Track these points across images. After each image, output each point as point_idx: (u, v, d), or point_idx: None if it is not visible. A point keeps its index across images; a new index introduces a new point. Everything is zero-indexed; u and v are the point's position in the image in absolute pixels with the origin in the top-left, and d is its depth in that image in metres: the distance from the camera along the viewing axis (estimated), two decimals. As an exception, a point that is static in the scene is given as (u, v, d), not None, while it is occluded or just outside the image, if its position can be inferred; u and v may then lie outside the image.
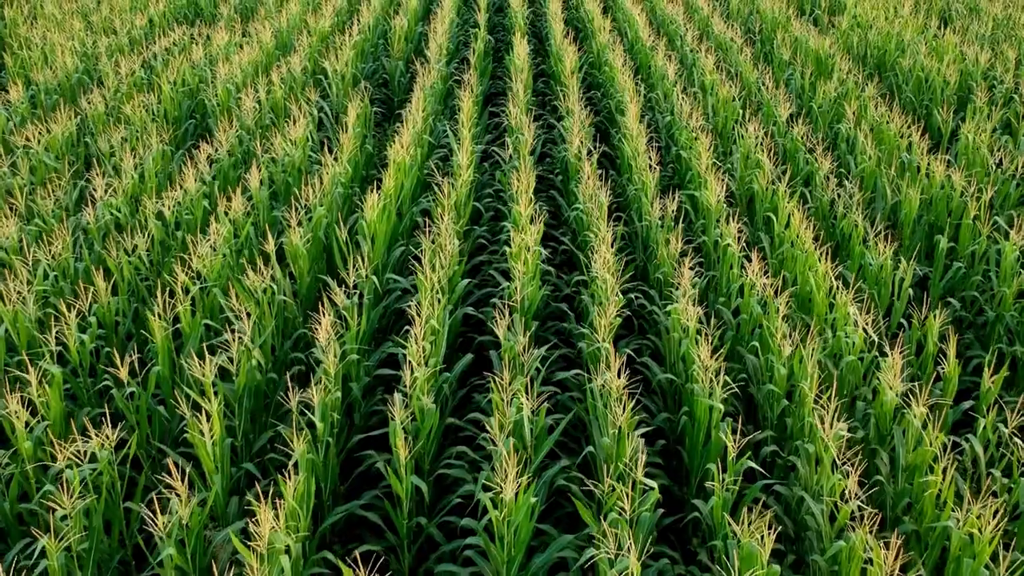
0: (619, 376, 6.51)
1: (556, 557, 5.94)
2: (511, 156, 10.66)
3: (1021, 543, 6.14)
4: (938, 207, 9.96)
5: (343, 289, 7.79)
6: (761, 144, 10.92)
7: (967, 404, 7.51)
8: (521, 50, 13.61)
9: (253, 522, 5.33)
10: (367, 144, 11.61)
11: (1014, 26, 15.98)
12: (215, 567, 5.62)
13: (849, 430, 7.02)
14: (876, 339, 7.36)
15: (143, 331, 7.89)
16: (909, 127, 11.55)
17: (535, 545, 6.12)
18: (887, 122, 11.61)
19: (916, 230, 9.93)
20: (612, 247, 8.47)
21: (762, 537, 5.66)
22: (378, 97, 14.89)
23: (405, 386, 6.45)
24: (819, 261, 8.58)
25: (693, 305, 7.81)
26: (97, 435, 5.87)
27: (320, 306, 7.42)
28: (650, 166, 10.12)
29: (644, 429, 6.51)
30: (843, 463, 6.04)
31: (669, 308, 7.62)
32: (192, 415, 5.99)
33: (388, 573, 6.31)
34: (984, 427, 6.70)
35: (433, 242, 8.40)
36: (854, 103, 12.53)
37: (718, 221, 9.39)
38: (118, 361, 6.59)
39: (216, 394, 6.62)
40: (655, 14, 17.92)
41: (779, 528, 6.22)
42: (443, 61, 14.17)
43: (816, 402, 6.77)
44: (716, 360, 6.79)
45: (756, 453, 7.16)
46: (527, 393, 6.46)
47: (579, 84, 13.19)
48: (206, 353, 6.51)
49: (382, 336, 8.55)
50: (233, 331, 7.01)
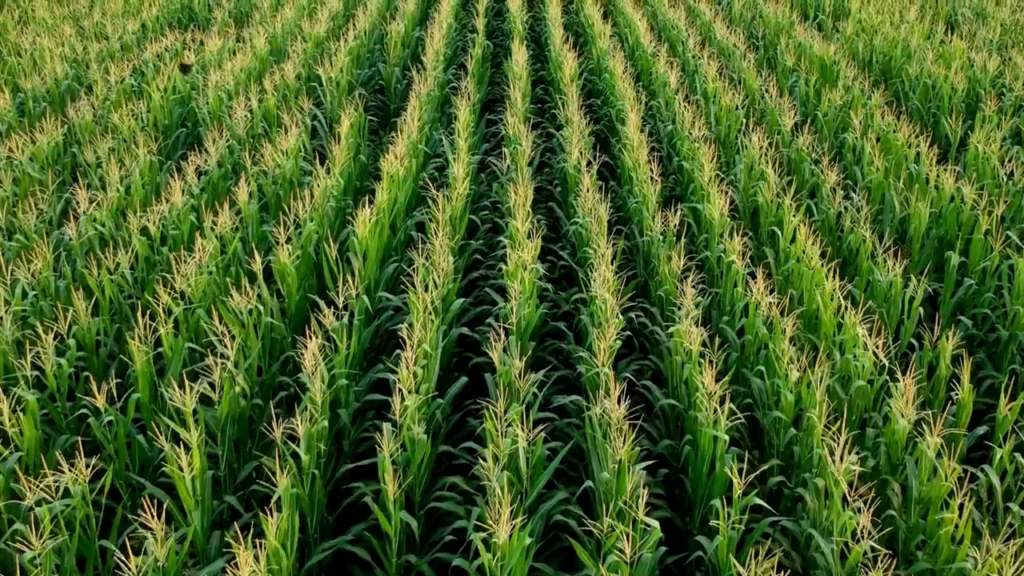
0: (619, 402, 6.22)
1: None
2: (508, 167, 10.37)
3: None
4: (948, 221, 9.67)
5: (333, 309, 7.50)
6: (765, 155, 10.63)
7: (981, 430, 7.23)
8: (520, 57, 13.33)
9: (233, 565, 5.05)
10: (361, 154, 11.32)
11: (1023, 32, 15.70)
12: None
13: (859, 458, 6.73)
14: (886, 363, 7.07)
15: (126, 353, 7.61)
16: (917, 136, 11.28)
17: (531, 584, 5.85)
18: (894, 131, 11.32)
19: (925, 244, 9.64)
20: (612, 264, 8.18)
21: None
22: (374, 104, 14.61)
23: (395, 414, 6.17)
24: (826, 278, 8.30)
25: (696, 326, 7.53)
26: (71, 469, 5.58)
27: (310, 326, 7.14)
28: (651, 178, 9.83)
29: (646, 464, 6.22)
30: (854, 499, 5.76)
31: (672, 330, 7.33)
32: (171, 448, 5.70)
33: (377, 612, 6.03)
34: (1000, 457, 6.41)
35: (427, 258, 8.11)
36: (860, 111, 12.25)
37: (721, 236, 9.11)
38: (95, 388, 6.30)
39: (198, 422, 6.33)
40: (656, 19, 17.64)
41: (787, 573, 5.93)
42: (440, 67, 13.88)
43: (825, 430, 6.49)
44: (720, 386, 6.50)
45: (762, 480, 6.88)
46: (523, 422, 6.17)
47: (579, 91, 12.91)
48: (190, 378, 6.24)
49: (375, 356, 8.27)
50: (217, 355, 6.72)
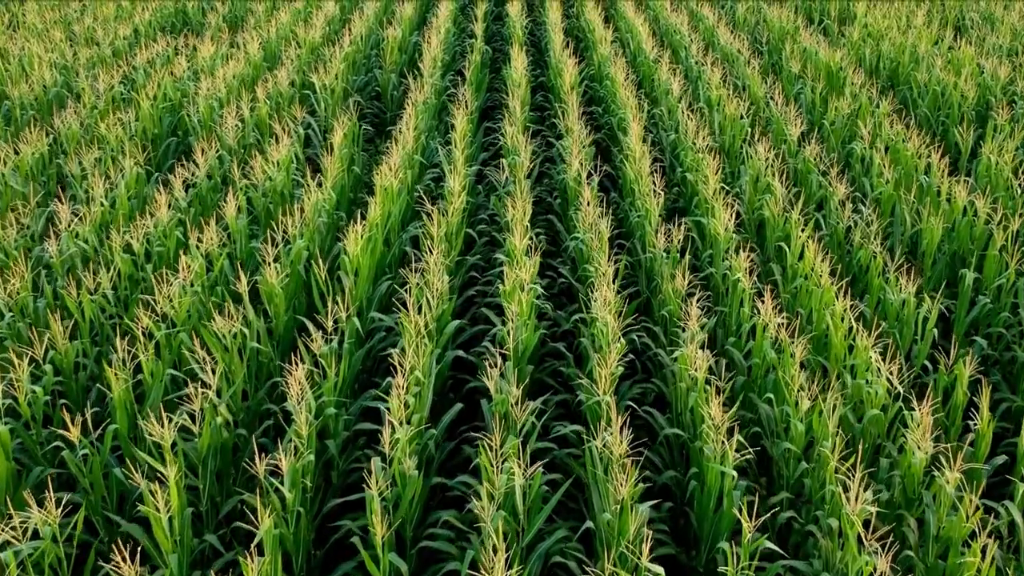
0: (621, 431, 5.91)
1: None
2: (507, 180, 10.05)
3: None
4: (961, 236, 9.35)
5: (323, 333, 7.18)
6: (771, 166, 10.31)
7: (1000, 459, 6.90)
8: (519, 64, 13.01)
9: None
10: (355, 165, 11.00)
11: (1032, 37, 15.38)
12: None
13: (873, 491, 6.41)
14: (901, 390, 6.75)
15: (106, 378, 7.29)
16: (928, 147, 10.95)
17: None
18: (903, 140, 11.00)
19: (938, 260, 9.31)
20: (614, 283, 7.86)
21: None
22: (371, 110, 14.29)
23: (385, 446, 5.85)
24: (836, 297, 7.98)
25: (702, 349, 7.20)
26: (43, 509, 5.26)
27: (299, 349, 6.82)
28: (654, 191, 9.51)
29: (648, 492, 5.89)
30: (870, 540, 5.43)
31: (676, 355, 7.01)
32: (147, 487, 5.38)
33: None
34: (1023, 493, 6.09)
35: (421, 277, 7.79)
36: (868, 120, 11.92)
37: (726, 252, 8.79)
38: (69, 420, 5.99)
39: (178, 454, 6.02)
40: (658, 23, 17.32)
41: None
42: (438, 74, 13.56)
43: (838, 463, 6.17)
44: (727, 415, 6.18)
45: (770, 512, 6.56)
46: (519, 456, 5.85)
47: (579, 99, 12.59)
48: (171, 406, 5.93)
49: (367, 377, 7.95)
50: (199, 384, 6.40)
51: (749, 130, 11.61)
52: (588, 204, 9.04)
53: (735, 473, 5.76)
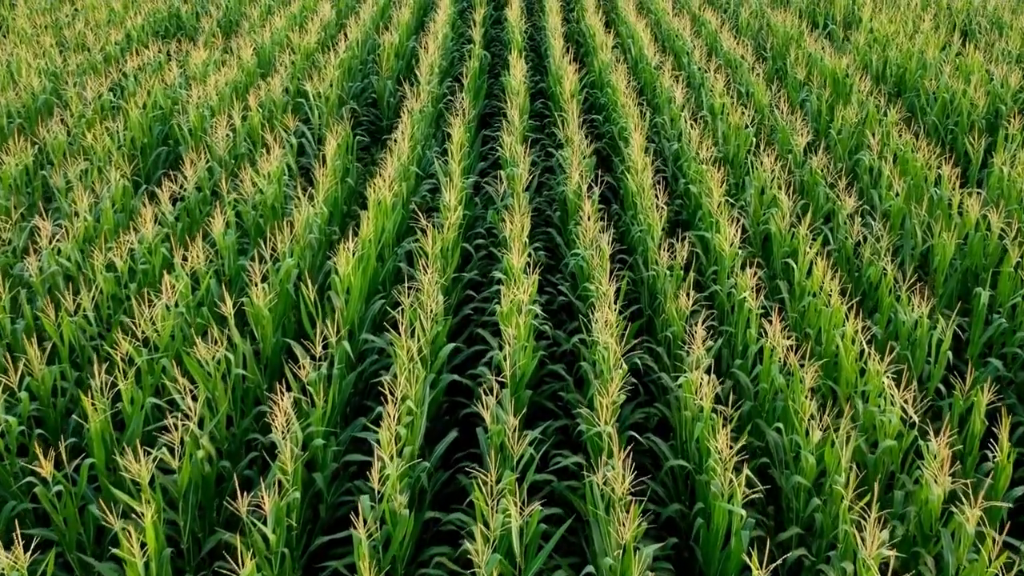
0: (624, 461, 5.62)
1: None
2: (505, 192, 9.75)
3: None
4: (974, 251, 9.05)
5: (311, 360, 6.88)
6: (777, 178, 10.00)
7: (1020, 490, 6.60)
8: (517, 71, 12.71)
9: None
10: (349, 177, 10.70)
11: (1042, 42, 15.07)
12: None
13: (888, 529, 6.11)
14: (916, 420, 6.45)
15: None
16: (938, 157, 10.65)
17: None
18: (912, 150, 10.69)
19: (950, 277, 9.01)
20: (615, 304, 7.55)
21: None
22: (367, 117, 13.99)
23: (375, 482, 5.55)
24: (846, 318, 7.68)
25: (708, 374, 6.91)
26: (8, 555, 4.97)
27: (287, 373, 6.53)
28: (656, 204, 9.21)
29: (654, 536, 5.60)
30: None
31: (681, 381, 6.71)
32: (122, 529, 5.08)
33: None
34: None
35: (415, 298, 7.49)
36: (876, 128, 11.62)
37: (732, 269, 8.49)
38: (47, 449, 5.69)
39: (156, 489, 5.71)
40: (660, 27, 17.01)
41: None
42: (435, 80, 13.27)
43: (850, 488, 5.87)
44: (735, 448, 5.88)
45: (779, 546, 6.27)
46: (516, 494, 5.55)
47: (579, 107, 12.29)
48: (152, 436, 5.63)
49: (359, 401, 7.65)
50: (179, 415, 6.10)
51: (754, 140, 11.31)
52: (588, 219, 8.75)
53: (743, 512, 5.46)
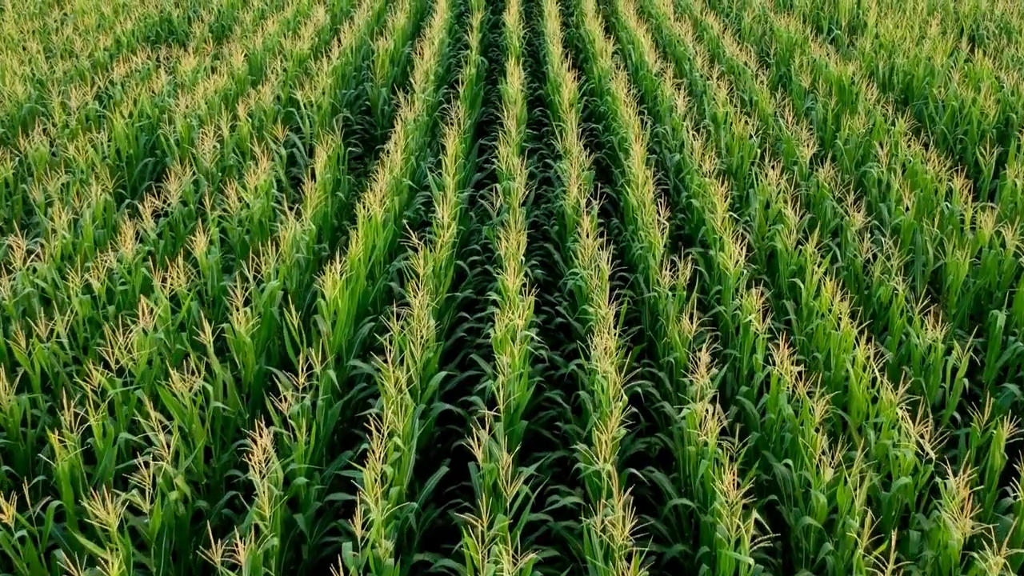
0: (623, 499, 5.29)
1: None
2: (501, 207, 9.40)
3: None
4: (988, 269, 8.70)
5: (294, 390, 6.53)
6: (783, 192, 9.66)
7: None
8: (515, 79, 12.36)
9: None
10: (340, 190, 10.35)
11: (1052, 48, 14.71)
12: None
13: (904, 573, 5.77)
14: (933, 456, 6.10)
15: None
16: (950, 170, 10.30)
17: None
18: (921, 162, 10.34)
19: (963, 297, 8.66)
20: (615, 328, 7.20)
21: None
22: (360, 126, 13.65)
23: (357, 528, 5.21)
24: (856, 342, 7.33)
25: (712, 403, 6.56)
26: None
27: (272, 398, 6.18)
28: (658, 220, 8.86)
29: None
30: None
31: (684, 413, 6.36)
32: (85, 581, 4.74)
33: None
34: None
35: (407, 321, 7.14)
36: (885, 139, 11.27)
37: (737, 289, 8.15)
38: (13, 485, 5.35)
39: (126, 533, 5.37)
40: (661, 32, 16.65)
41: None
42: (430, 88, 12.92)
43: (864, 535, 5.53)
44: (742, 489, 5.54)
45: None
46: (508, 541, 5.20)
47: (578, 116, 11.95)
48: (129, 469, 5.29)
49: (347, 429, 7.31)
50: (152, 455, 5.75)
51: (758, 151, 10.96)
52: (587, 235, 8.40)
53: (752, 561, 5.12)
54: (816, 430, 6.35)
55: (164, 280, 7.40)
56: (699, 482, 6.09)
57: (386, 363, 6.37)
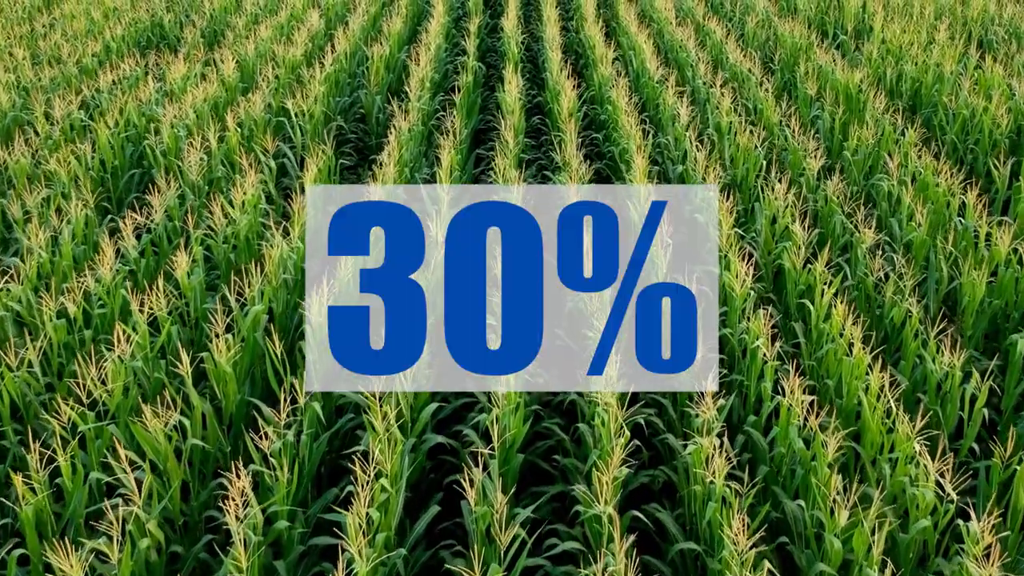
0: (625, 547, 4.94)
1: None
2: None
3: None
4: (1004, 289, 8.35)
5: (278, 420, 6.17)
6: (791, 206, 9.30)
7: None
8: (513, 88, 12.01)
9: None
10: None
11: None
12: None
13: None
14: (954, 496, 5.75)
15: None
16: (963, 183, 9.94)
17: None
18: (933, 173, 9.98)
19: (979, 318, 8.30)
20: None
21: None
22: (355, 134, 13.29)
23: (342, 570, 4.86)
24: (869, 369, 6.98)
25: (720, 437, 6.21)
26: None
27: (247, 444, 5.83)
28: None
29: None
30: None
31: (690, 450, 6.01)
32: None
33: None
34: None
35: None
36: (894, 149, 10.91)
37: (743, 310, 7.80)
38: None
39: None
40: (663, 38, 16.29)
41: None
42: (426, 96, 12.56)
43: None
44: (752, 534, 5.19)
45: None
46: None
47: (578, 125, 11.59)
48: (99, 514, 4.94)
49: (335, 458, 6.95)
50: (129, 490, 5.40)
51: (763, 163, 10.61)
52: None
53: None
54: (829, 466, 6.01)
55: (143, 304, 7.04)
56: (706, 523, 5.74)
57: (373, 395, 6.01)
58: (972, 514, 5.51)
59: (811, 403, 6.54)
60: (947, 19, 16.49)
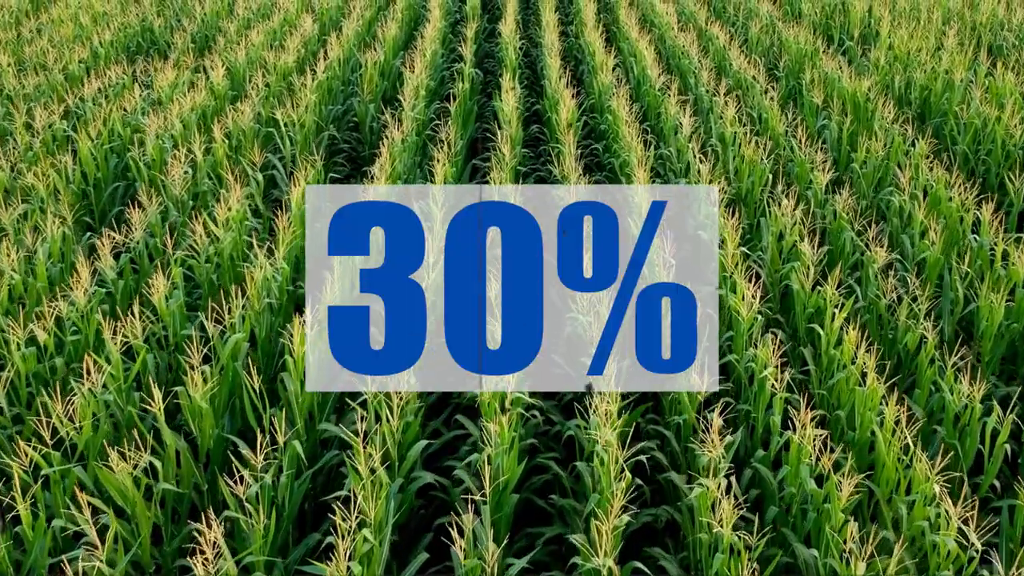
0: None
1: None
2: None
3: None
4: (1022, 311, 7.98)
5: (258, 455, 5.80)
6: (797, 222, 8.93)
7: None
8: (510, 97, 11.63)
9: None
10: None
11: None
12: None
13: None
14: (979, 545, 5.38)
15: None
16: (977, 197, 9.56)
17: None
18: (945, 187, 9.61)
19: (998, 342, 7.93)
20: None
21: None
22: (348, 144, 12.92)
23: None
24: (884, 401, 6.61)
25: (728, 478, 5.84)
26: None
27: (223, 481, 5.45)
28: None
29: None
30: None
31: (696, 493, 5.63)
32: None
33: None
34: None
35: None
36: (904, 161, 10.53)
37: (750, 337, 7.42)
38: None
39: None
40: (664, 43, 15.90)
41: None
42: (420, 105, 12.18)
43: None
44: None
45: None
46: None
47: (577, 135, 11.22)
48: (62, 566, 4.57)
49: (318, 498, 6.56)
50: (87, 546, 5.03)
51: (770, 176, 10.23)
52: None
53: None
54: (842, 510, 5.65)
55: (116, 331, 6.66)
56: (714, 574, 5.36)
57: (357, 435, 5.63)
58: (994, 555, 5.16)
59: (825, 443, 6.15)
60: (955, 24, 16.10)
